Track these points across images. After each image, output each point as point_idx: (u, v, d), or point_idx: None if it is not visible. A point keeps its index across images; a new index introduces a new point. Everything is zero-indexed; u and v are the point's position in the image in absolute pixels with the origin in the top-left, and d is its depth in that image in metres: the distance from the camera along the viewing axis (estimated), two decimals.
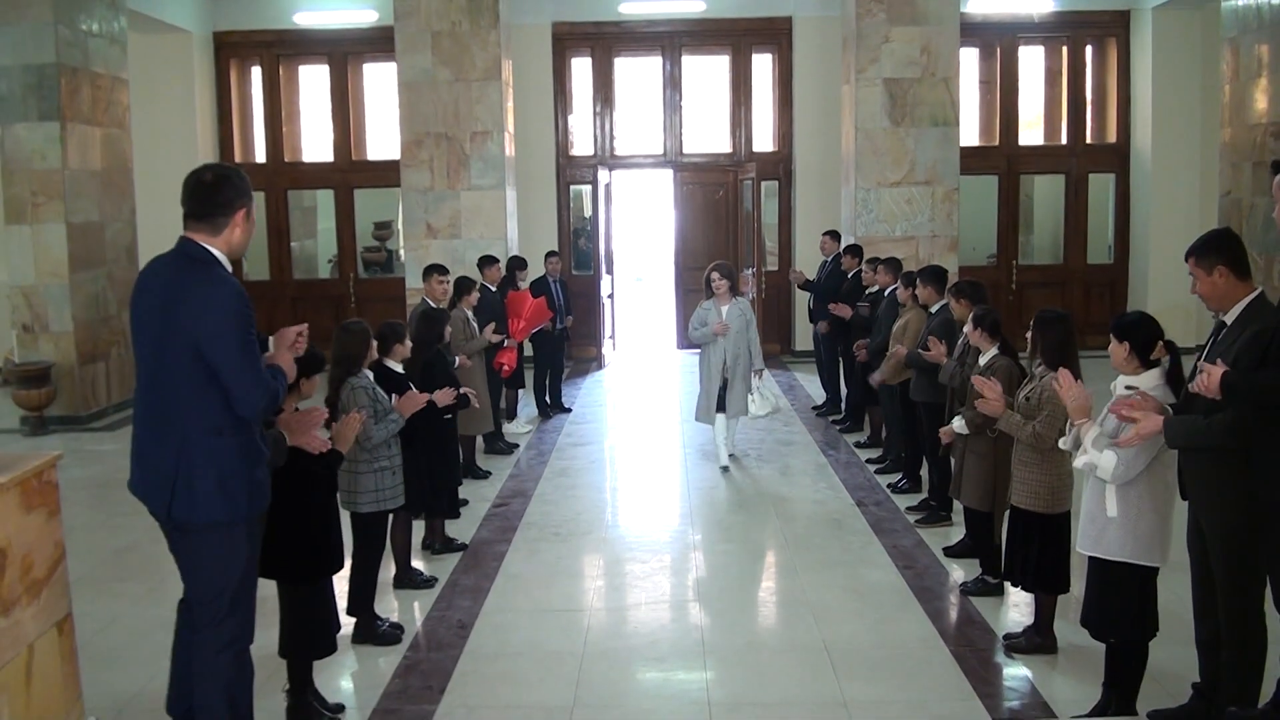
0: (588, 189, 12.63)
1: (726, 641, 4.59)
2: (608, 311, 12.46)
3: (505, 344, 7.97)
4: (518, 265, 8.95)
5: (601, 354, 12.24)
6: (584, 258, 12.95)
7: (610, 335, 12.67)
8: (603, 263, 12.15)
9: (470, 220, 10.47)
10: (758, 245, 11.97)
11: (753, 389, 7.45)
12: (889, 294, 7.33)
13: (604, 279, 12.17)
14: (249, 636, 3.30)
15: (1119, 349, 3.57)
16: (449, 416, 5.47)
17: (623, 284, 14.06)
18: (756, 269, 11.65)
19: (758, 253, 11.92)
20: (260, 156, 12.81)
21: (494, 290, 8.29)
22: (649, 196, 18.61)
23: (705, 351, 7.48)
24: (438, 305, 6.89)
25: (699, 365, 7.62)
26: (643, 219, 20.00)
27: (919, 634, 4.61)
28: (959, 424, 4.89)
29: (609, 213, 12.24)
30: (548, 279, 9.34)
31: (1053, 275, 12.82)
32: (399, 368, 4.90)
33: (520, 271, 8.91)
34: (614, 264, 12.66)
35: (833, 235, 9.60)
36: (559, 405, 9.62)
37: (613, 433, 8.96)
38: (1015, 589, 4.60)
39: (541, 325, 8.62)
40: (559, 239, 12.32)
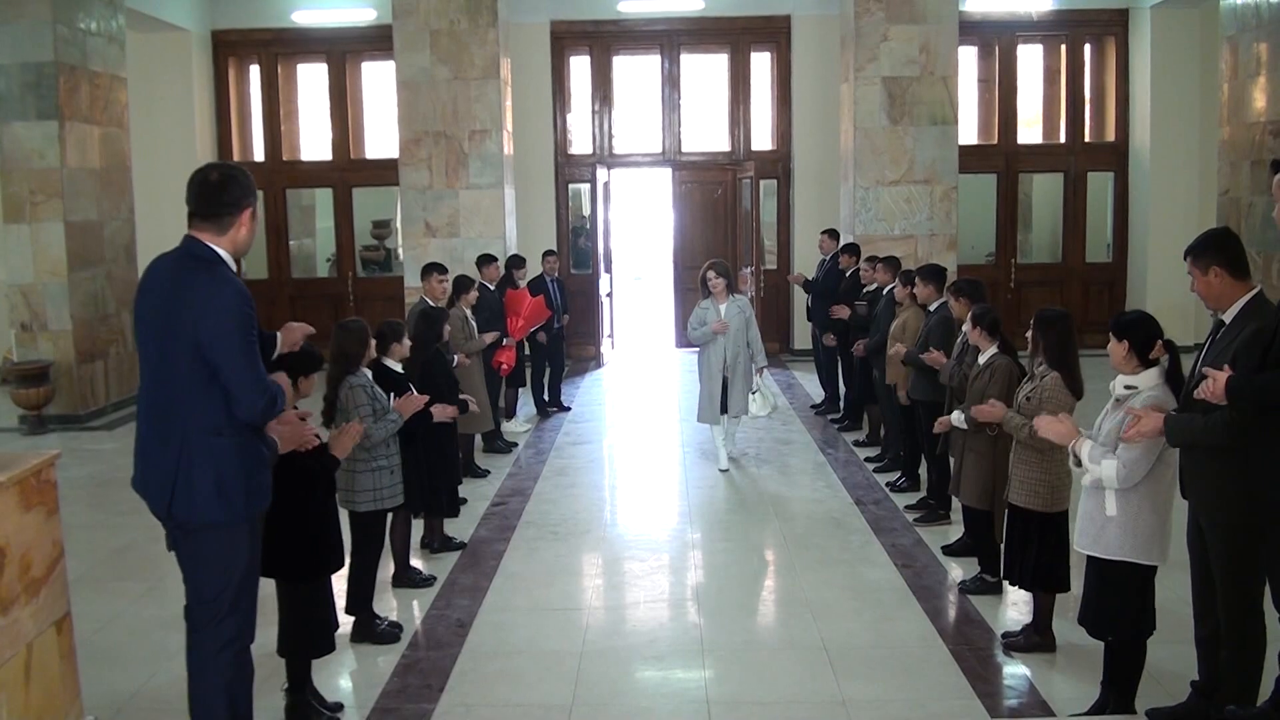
0: (586, 188, 12.63)
1: (725, 640, 4.59)
2: (606, 310, 12.47)
3: (504, 343, 7.98)
4: (516, 264, 8.95)
5: (600, 353, 12.24)
6: (583, 256, 12.94)
7: (609, 334, 12.68)
8: (601, 261, 12.17)
9: (469, 219, 10.46)
10: (756, 244, 11.98)
11: (755, 387, 7.39)
12: (887, 293, 7.32)
13: (602, 278, 12.19)
14: (250, 636, 3.29)
15: (1118, 348, 3.56)
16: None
17: (621, 283, 14.05)
18: (755, 268, 11.65)
19: (756, 251, 11.93)
20: (259, 155, 12.80)
21: (492, 289, 8.29)
22: (647, 195, 18.60)
23: (705, 351, 7.39)
24: (436, 304, 6.89)
25: (698, 365, 7.52)
26: (641, 218, 19.98)
27: (918, 632, 4.62)
28: (957, 417, 4.88)
29: (607, 211, 12.26)
30: (545, 278, 9.35)
31: (1051, 274, 12.81)
32: (398, 366, 4.89)
33: (518, 270, 8.90)
34: (612, 263, 12.67)
35: (831, 234, 9.60)
36: (558, 404, 9.62)
37: (611, 431, 8.96)
38: (1014, 588, 4.60)
39: (540, 324, 8.63)
40: (557, 238, 12.31)
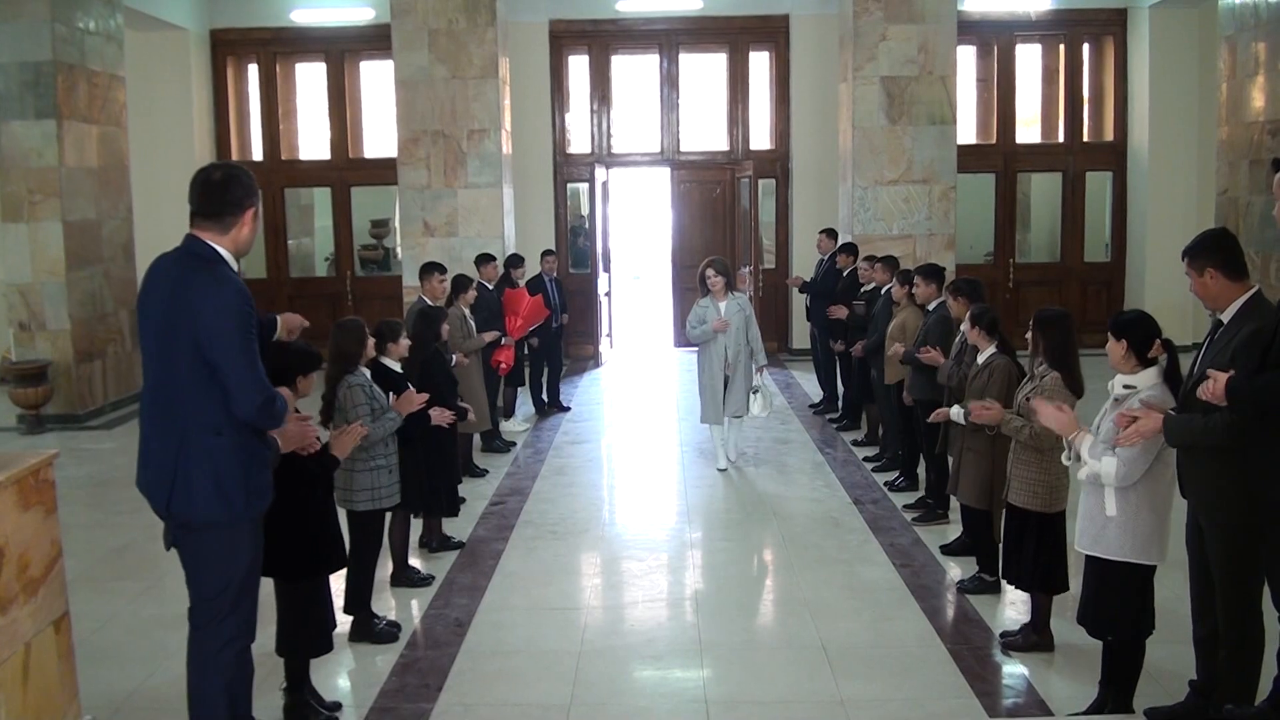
0: (585, 187, 12.62)
1: (723, 639, 4.59)
2: (605, 310, 12.47)
3: (503, 342, 7.97)
4: (514, 263, 8.95)
5: (599, 352, 12.24)
6: (581, 256, 12.94)
7: (608, 333, 12.67)
8: (600, 261, 12.16)
9: (467, 218, 10.46)
10: (755, 243, 11.97)
11: (756, 386, 7.31)
12: (885, 292, 7.31)
13: (601, 277, 12.18)
14: (250, 635, 3.30)
15: (1117, 347, 3.56)
16: None
17: (620, 282, 14.05)
18: (754, 267, 11.65)
19: (754, 251, 11.92)
20: (257, 154, 12.78)
21: (491, 288, 8.29)
22: (646, 195, 18.60)
23: (705, 350, 7.31)
24: (435, 304, 6.88)
25: (698, 364, 7.42)
26: (640, 217, 19.98)
27: (916, 632, 4.62)
28: (956, 411, 4.88)
29: (606, 211, 12.25)
30: (544, 277, 9.34)
31: (1050, 273, 12.82)
32: (396, 366, 4.88)
33: (517, 269, 8.90)
34: (611, 262, 12.67)
35: (829, 233, 9.61)
36: (557, 403, 9.62)
37: (610, 431, 8.96)
38: (1012, 587, 4.61)
39: (538, 323, 8.62)
40: (556, 237, 12.30)
